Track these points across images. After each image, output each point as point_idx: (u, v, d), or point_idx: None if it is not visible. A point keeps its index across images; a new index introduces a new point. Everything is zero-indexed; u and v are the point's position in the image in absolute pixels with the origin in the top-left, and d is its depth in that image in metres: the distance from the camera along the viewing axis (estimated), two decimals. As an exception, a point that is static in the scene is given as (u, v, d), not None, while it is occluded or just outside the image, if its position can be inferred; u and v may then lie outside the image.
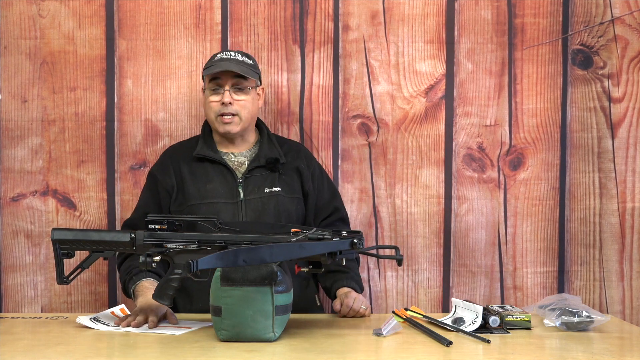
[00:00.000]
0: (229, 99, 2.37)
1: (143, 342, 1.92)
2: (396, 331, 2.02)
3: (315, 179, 2.49)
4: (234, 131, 2.40)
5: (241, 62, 2.40)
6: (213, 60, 2.42)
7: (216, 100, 2.39)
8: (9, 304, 2.66)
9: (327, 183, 2.54)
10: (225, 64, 2.37)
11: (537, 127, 2.71)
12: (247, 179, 2.40)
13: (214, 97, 2.39)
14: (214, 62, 2.40)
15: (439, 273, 2.71)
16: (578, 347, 1.91)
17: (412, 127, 2.70)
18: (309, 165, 2.50)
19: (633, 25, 2.68)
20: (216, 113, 2.38)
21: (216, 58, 2.42)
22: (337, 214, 2.50)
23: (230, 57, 2.40)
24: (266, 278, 1.88)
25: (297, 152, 2.51)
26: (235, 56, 2.41)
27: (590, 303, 2.69)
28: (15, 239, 2.66)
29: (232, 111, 2.38)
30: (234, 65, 2.36)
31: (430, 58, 2.70)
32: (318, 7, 2.69)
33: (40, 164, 2.66)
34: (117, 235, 2.05)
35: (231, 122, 2.39)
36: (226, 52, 2.44)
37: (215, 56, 2.44)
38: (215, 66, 2.38)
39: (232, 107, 2.37)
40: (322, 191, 2.50)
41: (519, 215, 2.71)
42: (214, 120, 2.40)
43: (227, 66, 2.36)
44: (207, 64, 2.43)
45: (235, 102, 2.38)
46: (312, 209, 2.47)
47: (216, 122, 2.40)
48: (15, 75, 2.65)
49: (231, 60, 2.39)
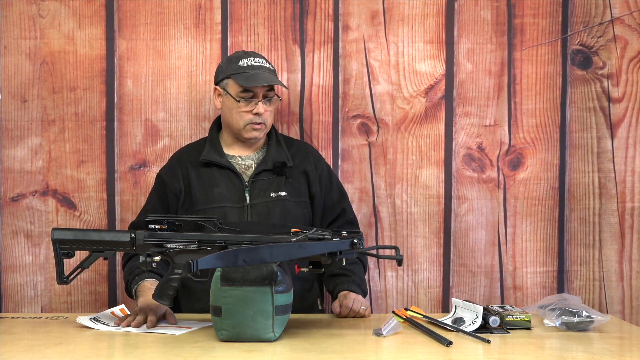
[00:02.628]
0: (263, 109, 2.37)
1: (143, 342, 1.92)
2: (396, 331, 2.02)
3: (323, 180, 2.48)
4: (260, 137, 2.42)
5: (271, 71, 2.41)
6: (241, 65, 2.39)
7: (248, 110, 2.38)
8: (9, 304, 2.66)
9: (336, 184, 2.52)
10: (261, 74, 2.36)
11: (536, 127, 2.71)
12: (253, 182, 2.39)
13: (246, 107, 2.38)
14: (245, 70, 2.38)
15: (439, 273, 2.71)
16: (578, 347, 1.91)
17: (412, 127, 2.71)
18: (316, 166, 2.48)
19: (632, 26, 2.68)
20: (246, 122, 2.38)
21: (244, 64, 2.39)
22: (344, 216, 2.49)
23: (261, 65, 2.39)
24: (266, 278, 1.88)
25: (305, 153, 2.50)
26: (263, 63, 2.41)
27: (590, 303, 2.69)
28: (15, 239, 2.66)
29: (262, 120, 2.39)
30: (270, 77, 2.37)
31: (430, 58, 2.70)
32: (318, 7, 2.69)
33: (40, 164, 2.66)
34: (117, 235, 2.05)
35: (259, 129, 2.40)
36: (251, 57, 2.41)
37: (240, 60, 2.40)
38: (250, 75, 2.36)
39: (261, 117, 2.38)
40: (330, 192, 2.48)
41: (518, 215, 2.71)
42: (242, 127, 2.39)
43: (268, 78, 2.36)
44: (233, 69, 2.39)
45: (265, 111, 2.39)
46: (319, 210, 2.46)
47: (244, 129, 2.39)
48: (15, 75, 2.65)
49: (263, 69, 2.38)
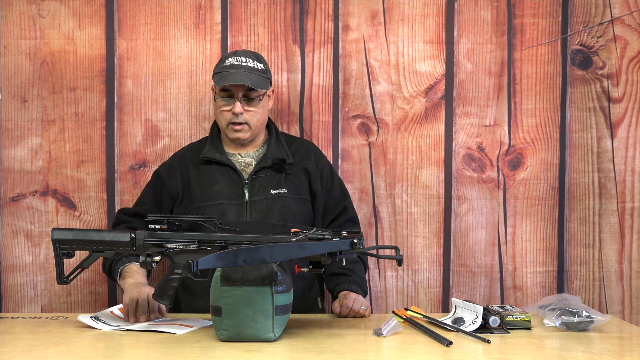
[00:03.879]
0: (240, 109, 2.36)
1: (143, 342, 1.92)
2: (396, 331, 2.02)
3: (324, 178, 2.48)
4: (244, 138, 2.41)
5: (252, 70, 2.36)
6: (224, 65, 2.38)
7: (227, 109, 2.38)
8: (9, 304, 2.66)
9: (337, 182, 2.52)
10: (237, 73, 2.33)
11: (536, 127, 2.71)
12: (253, 180, 2.39)
13: (225, 106, 2.38)
14: (224, 69, 2.36)
15: (439, 273, 2.71)
16: (578, 347, 1.91)
17: (412, 127, 2.71)
18: (317, 164, 2.48)
19: (632, 26, 2.68)
20: (227, 121, 2.38)
21: (227, 63, 2.37)
22: (345, 214, 2.48)
23: (241, 64, 2.36)
24: (266, 278, 1.88)
25: (306, 151, 2.49)
26: (246, 62, 2.37)
27: (589, 303, 2.69)
28: (15, 239, 2.66)
29: (242, 120, 2.37)
30: (245, 77, 2.33)
31: (430, 58, 2.70)
32: (318, 7, 2.69)
33: (40, 164, 2.66)
34: (117, 235, 2.05)
35: (241, 130, 2.39)
36: (237, 57, 2.38)
37: (225, 60, 2.39)
38: (226, 75, 2.34)
39: (242, 117, 2.37)
40: (331, 190, 2.48)
41: (518, 215, 2.71)
42: (225, 127, 2.40)
43: (238, 78, 2.32)
44: (217, 69, 2.39)
45: (246, 111, 2.37)
46: (320, 208, 2.45)
47: (227, 129, 2.40)
48: (15, 75, 2.65)
49: (242, 67, 2.35)
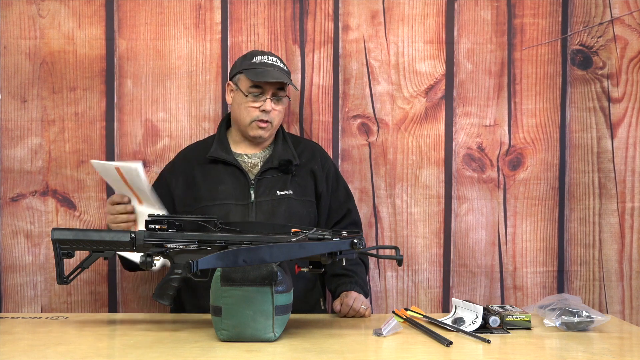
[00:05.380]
0: (271, 107, 2.36)
1: (143, 342, 1.92)
2: (396, 331, 2.02)
3: (329, 180, 2.47)
4: (266, 136, 2.41)
5: (283, 70, 2.40)
6: (254, 62, 2.39)
7: (256, 106, 2.37)
8: (8, 304, 2.66)
9: (342, 184, 2.52)
10: (272, 71, 2.35)
11: (536, 127, 2.71)
12: (259, 180, 2.38)
13: (254, 103, 2.37)
14: (257, 66, 2.37)
15: (439, 273, 2.71)
16: (578, 347, 1.91)
17: (412, 127, 2.70)
18: (323, 165, 2.48)
19: (632, 26, 2.68)
20: (253, 118, 2.37)
21: (258, 61, 2.39)
22: (349, 217, 2.48)
23: (273, 63, 2.38)
24: (266, 278, 1.88)
25: (313, 153, 2.49)
26: (277, 62, 2.40)
27: (590, 303, 2.69)
28: (15, 239, 2.66)
29: (268, 118, 2.37)
30: (279, 74, 2.35)
31: (430, 58, 2.70)
32: (318, 7, 2.69)
33: (40, 164, 2.66)
34: (117, 235, 2.05)
35: (265, 128, 2.38)
36: (267, 56, 2.40)
37: (254, 57, 2.40)
38: (264, 72, 2.35)
39: (269, 115, 2.37)
40: (336, 192, 2.48)
41: (518, 215, 2.71)
42: (247, 124, 2.39)
43: (278, 75, 2.34)
44: (246, 65, 2.39)
45: (273, 110, 2.38)
46: (325, 210, 2.45)
47: (250, 126, 2.38)
48: (15, 75, 2.65)
49: (275, 67, 2.38)
